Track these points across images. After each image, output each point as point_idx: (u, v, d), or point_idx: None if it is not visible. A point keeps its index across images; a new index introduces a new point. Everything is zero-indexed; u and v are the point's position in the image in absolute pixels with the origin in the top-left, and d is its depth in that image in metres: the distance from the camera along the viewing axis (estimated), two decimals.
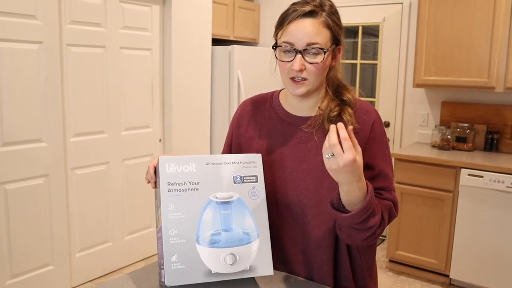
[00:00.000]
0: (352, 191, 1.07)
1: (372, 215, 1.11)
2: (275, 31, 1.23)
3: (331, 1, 1.22)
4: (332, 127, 1.01)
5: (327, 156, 1.02)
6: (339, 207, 1.13)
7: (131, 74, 3.37)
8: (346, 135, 1.00)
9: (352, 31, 4.23)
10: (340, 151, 1.00)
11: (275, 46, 1.21)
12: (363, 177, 1.08)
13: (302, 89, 1.20)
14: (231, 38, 4.33)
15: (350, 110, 1.24)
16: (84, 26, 3.02)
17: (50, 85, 2.84)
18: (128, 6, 3.28)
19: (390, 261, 3.55)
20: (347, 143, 1.00)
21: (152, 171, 1.20)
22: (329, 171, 1.04)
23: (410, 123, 3.95)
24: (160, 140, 3.67)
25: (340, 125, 1.02)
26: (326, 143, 1.02)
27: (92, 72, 3.10)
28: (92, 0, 3.05)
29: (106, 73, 3.19)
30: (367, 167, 1.21)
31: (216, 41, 4.17)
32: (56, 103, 2.89)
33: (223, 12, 4.18)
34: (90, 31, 3.06)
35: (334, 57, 1.23)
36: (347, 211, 1.11)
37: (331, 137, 1.00)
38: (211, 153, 4.12)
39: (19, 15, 2.65)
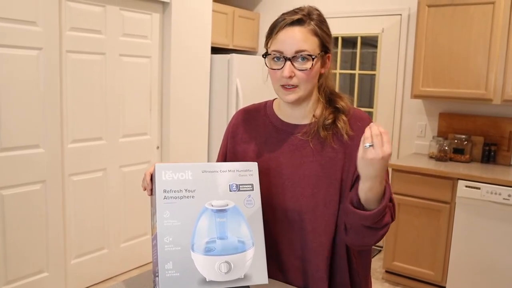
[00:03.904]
0: (375, 187, 1.09)
1: (388, 211, 1.15)
2: (266, 40, 1.26)
3: (319, 11, 1.25)
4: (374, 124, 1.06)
5: (366, 145, 1.04)
6: (358, 206, 1.14)
7: (130, 81, 3.38)
8: (384, 129, 1.04)
9: (351, 42, 4.25)
10: (381, 142, 1.03)
11: (265, 55, 1.24)
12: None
13: (293, 96, 1.22)
14: (231, 46, 4.35)
15: (344, 118, 1.27)
16: (84, 33, 3.03)
17: (49, 91, 2.85)
18: (128, 14, 3.30)
19: (387, 271, 3.54)
20: (386, 137, 1.03)
21: (148, 178, 1.20)
22: (362, 162, 1.06)
23: (407, 133, 3.96)
24: (157, 147, 3.67)
25: (377, 123, 1.06)
26: (367, 133, 1.04)
27: (91, 78, 3.11)
28: (92, 7, 3.07)
29: (105, 80, 3.20)
30: None
31: (215, 50, 4.18)
32: (55, 109, 2.89)
33: (223, 20, 4.20)
34: (90, 38, 3.07)
35: (323, 64, 1.26)
36: (365, 210, 1.13)
37: (374, 128, 1.04)
38: (208, 161, 4.11)
39: (19, 21, 2.66)
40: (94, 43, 3.10)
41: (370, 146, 1.03)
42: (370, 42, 4.18)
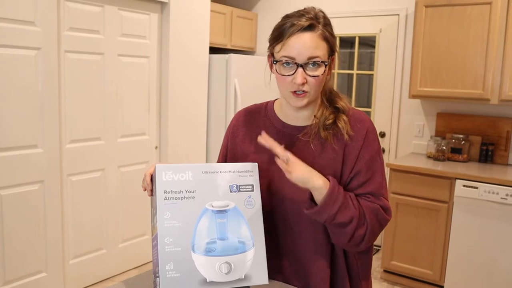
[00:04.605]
0: (313, 189, 1.17)
1: (340, 210, 1.16)
2: (271, 44, 1.23)
3: (323, 12, 1.23)
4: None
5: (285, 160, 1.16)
6: (312, 208, 1.19)
7: (129, 81, 3.38)
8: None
9: (349, 42, 4.26)
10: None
11: (275, 61, 1.21)
12: (320, 175, 1.18)
13: (303, 101, 1.22)
14: (229, 46, 4.35)
15: (344, 118, 1.26)
16: (82, 33, 3.03)
17: (47, 91, 2.84)
18: (126, 14, 3.29)
19: (385, 271, 3.54)
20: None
21: (148, 178, 1.20)
22: (298, 176, 1.16)
23: (405, 133, 3.97)
24: (156, 147, 3.67)
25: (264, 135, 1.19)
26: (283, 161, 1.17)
27: (90, 78, 3.11)
28: (91, 7, 3.06)
29: (104, 80, 3.20)
30: (359, 173, 1.24)
31: (213, 50, 4.18)
32: (53, 109, 2.89)
33: (221, 21, 4.20)
34: (88, 38, 3.07)
35: (330, 67, 1.25)
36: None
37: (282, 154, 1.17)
38: (207, 162, 4.11)
39: (17, 21, 2.65)
40: (92, 43, 3.09)
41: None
42: (368, 42, 4.19)
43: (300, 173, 1.15)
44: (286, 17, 1.21)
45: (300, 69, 1.17)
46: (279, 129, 1.33)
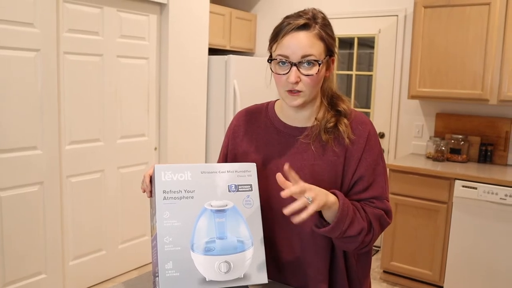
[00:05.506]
0: (335, 204, 1.15)
1: (351, 225, 1.16)
2: (270, 44, 1.24)
3: (323, 13, 1.24)
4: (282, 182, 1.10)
5: (309, 198, 1.07)
6: (323, 226, 1.18)
7: (128, 83, 3.38)
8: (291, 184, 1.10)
9: (347, 42, 4.26)
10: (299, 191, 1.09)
11: (270, 60, 1.22)
12: (327, 192, 1.14)
13: (298, 101, 1.21)
14: (228, 48, 4.35)
15: (346, 121, 1.26)
16: (81, 35, 3.03)
17: (46, 93, 2.84)
18: (125, 15, 3.30)
19: (385, 272, 3.54)
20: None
21: (147, 180, 1.20)
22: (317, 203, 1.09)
23: (405, 134, 3.97)
24: (155, 148, 3.67)
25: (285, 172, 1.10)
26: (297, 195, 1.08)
27: (89, 80, 3.11)
28: (90, 8, 3.07)
29: (103, 81, 3.20)
30: (362, 177, 1.24)
31: (212, 51, 4.19)
32: (52, 110, 2.89)
33: (220, 22, 4.21)
34: (87, 40, 3.07)
35: (328, 68, 1.25)
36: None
37: (293, 189, 1.08)
38: (206, 162, 4.11)
39: (16, 22, 2.66)
40: (91, 45, 3.10)
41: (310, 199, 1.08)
42: (367, 43, 4.19)
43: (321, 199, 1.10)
44: (286, 17, 1.22)
45: (294, 68, 1.17)
46: (280, 130, 1.33)
